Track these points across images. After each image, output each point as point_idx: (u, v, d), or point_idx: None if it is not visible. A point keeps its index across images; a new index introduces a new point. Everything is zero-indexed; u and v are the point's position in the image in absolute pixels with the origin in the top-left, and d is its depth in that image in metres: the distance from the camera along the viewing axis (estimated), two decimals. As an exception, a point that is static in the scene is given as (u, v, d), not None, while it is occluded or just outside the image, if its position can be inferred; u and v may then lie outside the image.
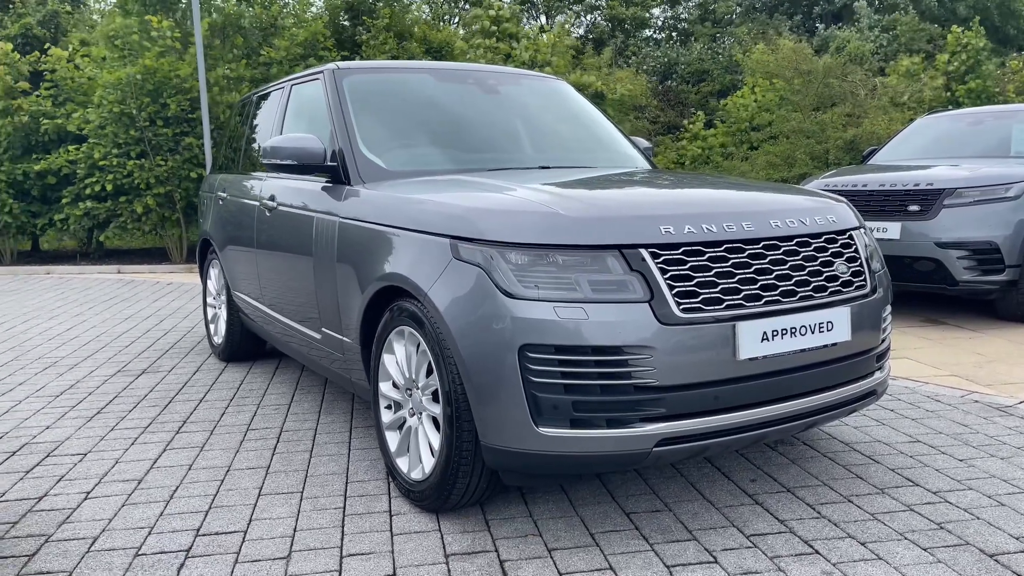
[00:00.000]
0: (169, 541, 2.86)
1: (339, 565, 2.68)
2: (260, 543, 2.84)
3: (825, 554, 2.69)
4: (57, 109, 11.42)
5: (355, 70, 4.16)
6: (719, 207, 2.92)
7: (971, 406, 4.27)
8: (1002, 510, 3.00)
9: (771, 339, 2.74)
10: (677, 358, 2.61)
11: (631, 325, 2.58)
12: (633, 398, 2.60)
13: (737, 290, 2.73)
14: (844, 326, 2.92)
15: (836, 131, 10.53)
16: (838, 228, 3.09)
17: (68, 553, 2.79)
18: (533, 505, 3.12)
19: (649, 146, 4.77)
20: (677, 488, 3.27)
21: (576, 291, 2.60)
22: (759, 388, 2.74)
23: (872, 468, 3.44)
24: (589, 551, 2.75)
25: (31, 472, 3.56)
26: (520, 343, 2.59)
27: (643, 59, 22.75)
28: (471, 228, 2.78)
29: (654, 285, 2.62)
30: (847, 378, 2.99)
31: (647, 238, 2.67)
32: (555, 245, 2.65)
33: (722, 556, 2.69)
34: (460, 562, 2.68)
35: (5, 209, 11.27)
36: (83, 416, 4.37)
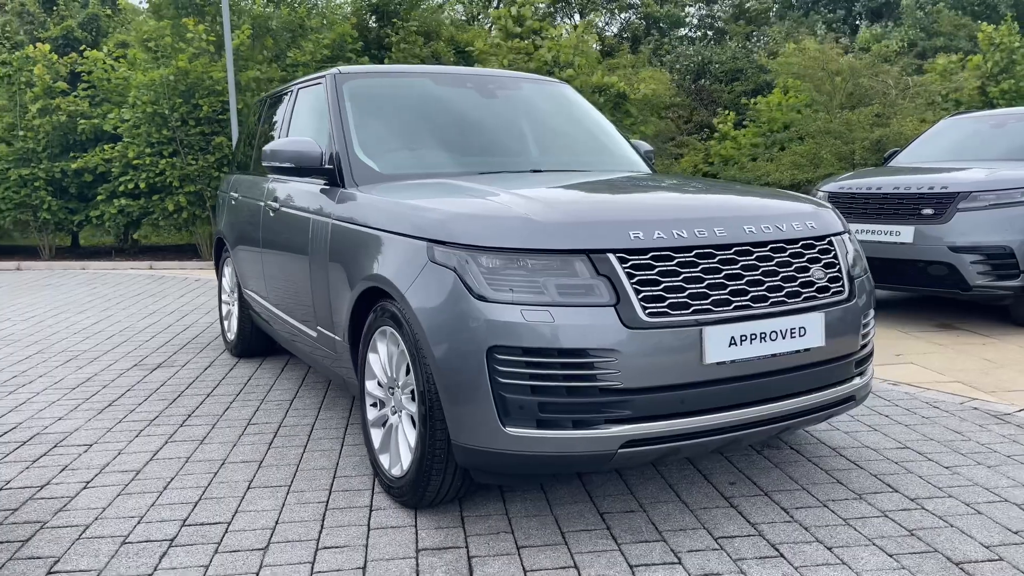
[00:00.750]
0: (156, 530, 2.98)
1: (313, 557, 2.77)
2: (241, 534, 2.95)
3: (789, 558, 2.72)
4: (94, 109, 11.74)
5: (356, 75, 4.26)
6: (692, 213, 2.96)
7: (969, 413, 4.23)
8: (978, 519, 2.99)
9: (739, 344, 2.77)
10: (642, 361, 2.65)
11: (596, 328, 2.63)
12: (598, 400, 2.65)
13: (705, 295, 2.76)
14: (818, 331, 2.94)
15: (863, 131, 10.41)
16: (816, 234, 3.10)
17: (60, 540, 2.92)
18: (511, 503, 3.18)
19: (650, 149, 4.80)
20: (655, 489, 3.30)
21: (543, 295, 2.66)
22: (727, 392, 2.78)
23: (854, 473, 3.44)
24: (557, 549, 2.80)
25: (37, 461, 3.72)
26: (488, 345, 2.66)
27: (677, 58, 22.63)
28: (446, 232, 2.85)
29: (620, 289, 2.67)
30: (822, 383, 3.01)
31: (615, 243, 2.72)
32: (525, 249, 2.71)
33: (687, 557, 2.73)
34: (429, 557, 2.76)
35: (44, 206, 11.62)
36: (95, 408, 4.54)
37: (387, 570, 2.68)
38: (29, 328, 6.89)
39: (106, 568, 2.71)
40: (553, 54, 10.33)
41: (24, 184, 11.57)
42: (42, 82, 11.46)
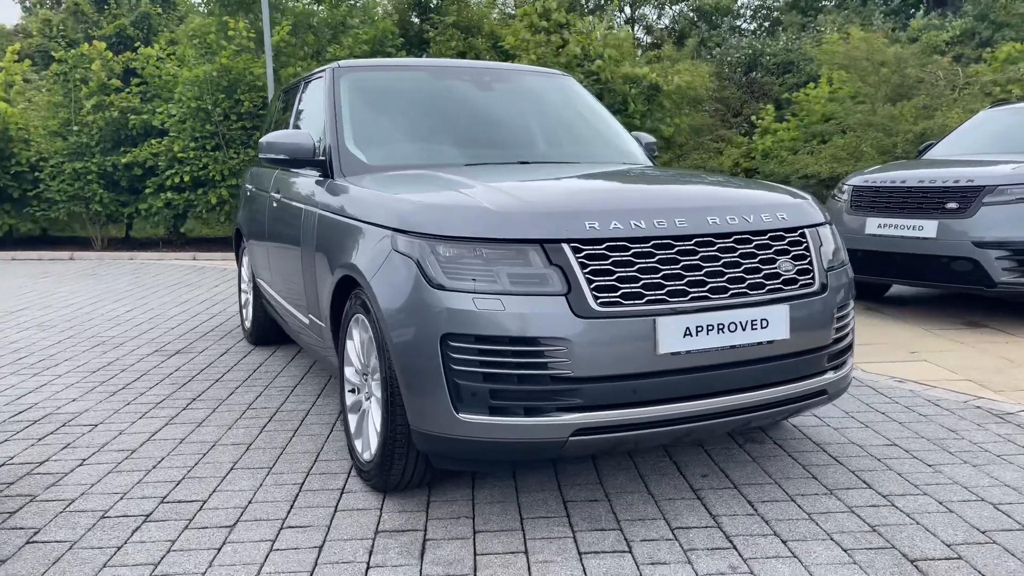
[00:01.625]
0: (135, 506, 3.12)
1: (275, 535, 2.86)
2: (214, 512, 3.06)
3: (741, 549, 2.71)
4: (144, 105, 12.13)
5: (354, 68, 4.35)
6: (654, 204, 2.96)
7: (969, 412, 4.12)
8: (947, 517, 2.93)
9: (695, 335, 2.76)
10: (593, 350, 2.67)
11: (546, 317, 2.66)
12: (549, 388, 2.68)
13: (661, 285, 2.77)
14: (781, 324, 2.91)
15: (907, 124, 10.12)
16: (787, 226, 3.07)
17: (44, 513, 3.07)
18: (479, 490, 3.23)
19: (652, 141, 4.78)
20: (624, 479, 3.31)
21: (496, 283, 2.70)
22: (682, 383, 2.77)
23: (832, 469, 3.40)
24: (512, 535, 2.84)
25: (43, 439, 3.90)
26: (442, 332, 2.71)
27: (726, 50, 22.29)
28: (408, 221, 2.91)
29: (572, 279, 2.69)
30: (788, 377, 2.98)
31: (569, 233, 2.74)
32: (480, 239, 2.75)
33: (637, 546, 2.74)
34: (385, 539, 2.82)
35: (96, 199, 12.06)
36: (108, 391, 4.73)
37: (342, 549, 2.75)
38: (67, 315, 7.19)
39: (80, 540, 2.84)
40: (582, 47, 10.31)
41: (78, 177, 12.03)
42: (97, 79, 11.88)
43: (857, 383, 4.65)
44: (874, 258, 6.37)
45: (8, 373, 5.16)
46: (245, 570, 2.62)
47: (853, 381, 4.67)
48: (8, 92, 12.90)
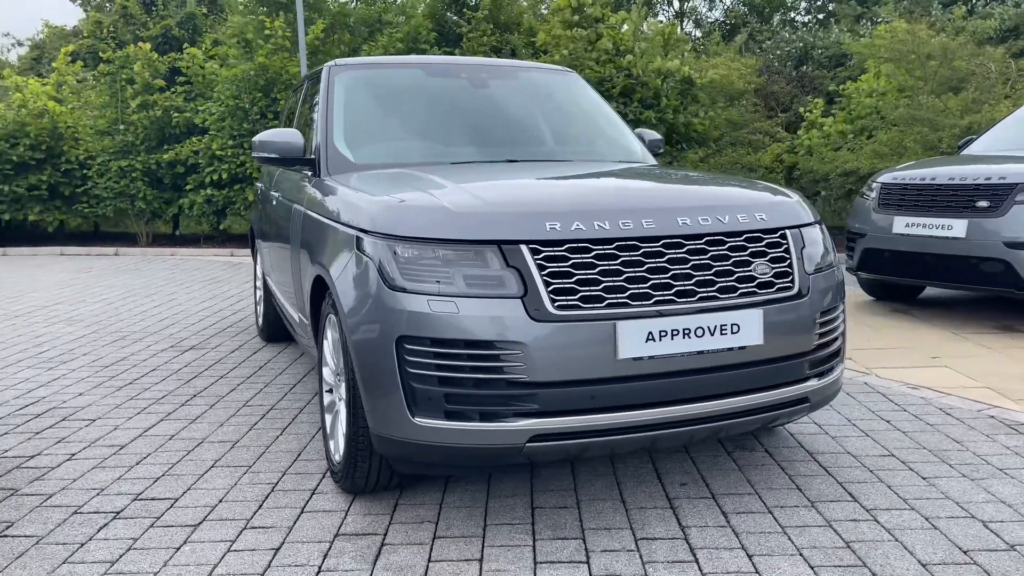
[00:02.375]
0: (107, 503, 3.15)
1: (236, 536, 2.86)
2: (182, 510, 3.07)
3: (702, 563, 2.61)
4: (188, 104, 12.38)
5: (350, 67, 4.33)
6: (621, 204, 2.87)
7: (981, 422, 3.92)
8: (930, 535, 2.78)
9: (658, 339, 2.67)
10: (549, 354, 2.60)
11: (501, 320, 2.60)
12: (505, 393, 2.62)
13: (623, 288, 2.68)
14: (755, 329, 2.80)
15: (952, 118, 9.73)
16: (765, 227, 2.95)
17: (21, 507, 3.13)
18: (450, 494, 3.19)
19: (658, 138, 4.65)
20: (600, 486, 3.23)
21: (452, 285, 2.64)
22: (645, 389, 2.68)
23: (819, 480, 3.26)
24: (471, 542, 2.79)
25: (40, 433, 3.98)
26: (398, 334, 2.67)
27: (777, 44, 21.82)
28: (370, 221, 2.87)
29: (529, 281, 2.62)
30: (763, 384, 2.86)
31: (528, 234, 2.67)
32: (438, 240, 2.70)
33: (596, 557, 2.67)
34: (343, 542, 2.80)
35: (140, 195, 12.36)
36: (115, 386, 4.81)
37: (298, 552, 2.74)
38: (97, 309, 7.37)
39: (47, 535, 2.88)
40: (614, 41, 10.16)
41: (123, 175, 12.34)
42: (142, 79, 12.17)
43: (868, 389, 4.48)
44: (902, 258, 6.13)
45: (25, 367, 5.29)
46: (198, 570, 2.62)
47: (865, 387, 4.50)
48: (60, 92, 13.29)
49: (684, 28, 27.46)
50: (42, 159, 12.63)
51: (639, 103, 10.19)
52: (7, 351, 5.74)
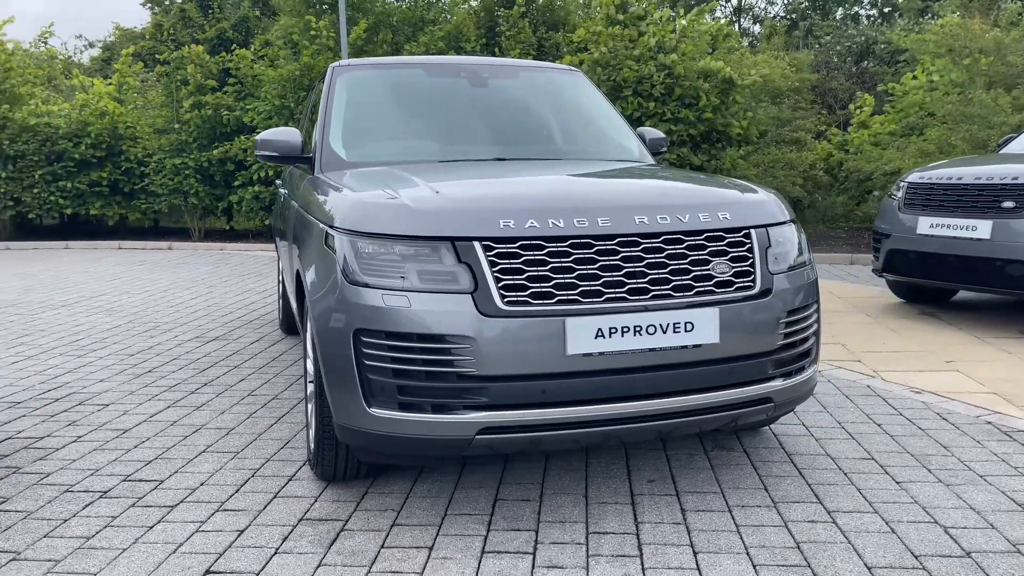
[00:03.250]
0: (98, 483, 3.33)
1: (207, 517, 3.00)
2: (164, 492, 3.23)
3: (645, 559, 2.63)
4: (238, 103, 12.76)
5: (352, 67, 4.45)
6: (578, 202, 2.91)
7: (975, 427, 3.83)
8: (886, 538, 2.75)
9: (608, 336, 2.70)
10: (499, 349, 2.66)
11: (452, 315, 2.67)
12: (456, 386, 2.69)
13: (574, 285, 2.72)
14: (710, 328, 2.80)
15: (1003, 115, 9.39)
16: (727, 226, 2.95)
17: (19, 484, 3.32)
18: (421, 483, 3.27)
19: (660, 137, 4.64)
20: (569, 480, 3.27)
21: (406, 280, 2.73)
22: (596, 385, 2.72)
23: (788, 481, 3.24)
24: (426, 530, 2.87)
25: (55, 416, 4.21)
26: (355, 327, 2.76)
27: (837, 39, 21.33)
28: (337, 218, 2.97)
29: (480, 277, 2.69)
30: (720, 383, 2.87)
31: (481, 231, 2.73)
32: (396, 236, 2.79)
33: (543, 549, 2.71)
34: (305, 527, 2.91)
35: (192, 192, 12.80)
36: (135, 373, 5.04)
37: (260, 534, 2.85)
38: (138, 301, 7.68)
39: (36, 511, 3.07)
40: (657, 39, 10.09)
41: (177, 172, 12.79)
42: (195, 80, 12.59)
43: (868, 392, 4.40)
44: (926, 260, 5.98)
45: (58, 354, 5.57)
46: (164, 548, 2.76)
47: (867, 390, 4.43)
48: (121, 92, 13.85)
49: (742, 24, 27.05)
50: (103, 157, 13.20)
51: (678, 102, 10.11)
52: (46, 339, 6.05)
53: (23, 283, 8.92)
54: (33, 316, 6.99)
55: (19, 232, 13.97)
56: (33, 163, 13.02)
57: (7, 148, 12.90)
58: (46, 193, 13.12)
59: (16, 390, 4.69)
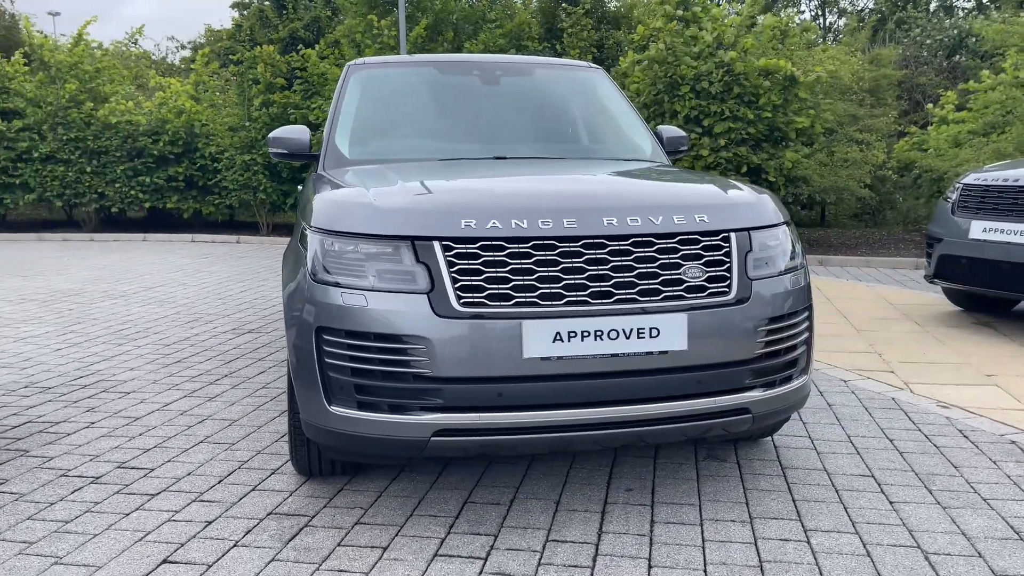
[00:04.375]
0: (93, 469, 3.45)
1: (183, 506, 3.06)
2: (150, 480, 3.32)
3: (597, 570, 2.57)
4: (305, 102, 13.06)
5: (367, 66, 4.49)
6: (546, 203, 2.85)
7: (996, 447, 3.58)
8: (858, 562, 2.60)
9: (567, 340, 2.64)
10: (454, 351, 2.63)
11: (407, 315, 2.65)
12: (412, 386, 2.67)
13: (534, 287, 2.66)
14: (677, 334, 2.70)
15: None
16: (703, 229, 2.84)
17: (21, 467, 3.47)
18: (398, 482, 3.27)
19: (680, 136, 4.51)
20: (545, 486, 3.22)
21: (365, 279, 2.72)
22: (554, 389, 2.66)
23: (773, 496, 3.10)
24: (387, 530, 2.86)
25: (77, 402, 4.38)
26: (317, 325, 2.77)
27: (928, 32, 20.39)
28: (313, 216, 2.99)
29: (437, 277, 2.66)
30: (689, 391, 2.76)
31: (441, 231, 2.70)
32: (360, 235, 2.79)
33: (496, 554, 2.67)
34: (270, 521, 2.94)
35: (261, 187, 13.17)
36: (164, 363, 5.21)
37: (226, 526, 2.90)
38: (191, 293, 7.95)
39: (30, 493, 3.20)
40: (715, 36, 9.83)
41: (247, 168, 13.18)
42: (264, 79, 12.95)
43: (891, 405, 4.18)
44: (977, 266, 5.65)
45: (101, 342, 5.81)
46: (131, 536, 2.83)
47: (891, 403, 4.21)
48: (198, 91, 14.36)
49: (827, 19, 26.16)
50: (180, 153, 13.71)
51: (736, 99, 9.83)
52: (94, 327, 6.32)
53: (92, 273, 9.35)
54: (91, 305, 7.31)
55: (104, 224, 14.65)
56: (116, 159, 13.63)
57: (92, 144, 13.55)
58: (127, 187, 13.71)
59: (51, 376, 4.91)
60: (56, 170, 13.63)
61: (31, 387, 4.68)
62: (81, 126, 13.47)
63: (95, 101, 13.71)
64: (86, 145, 13.54)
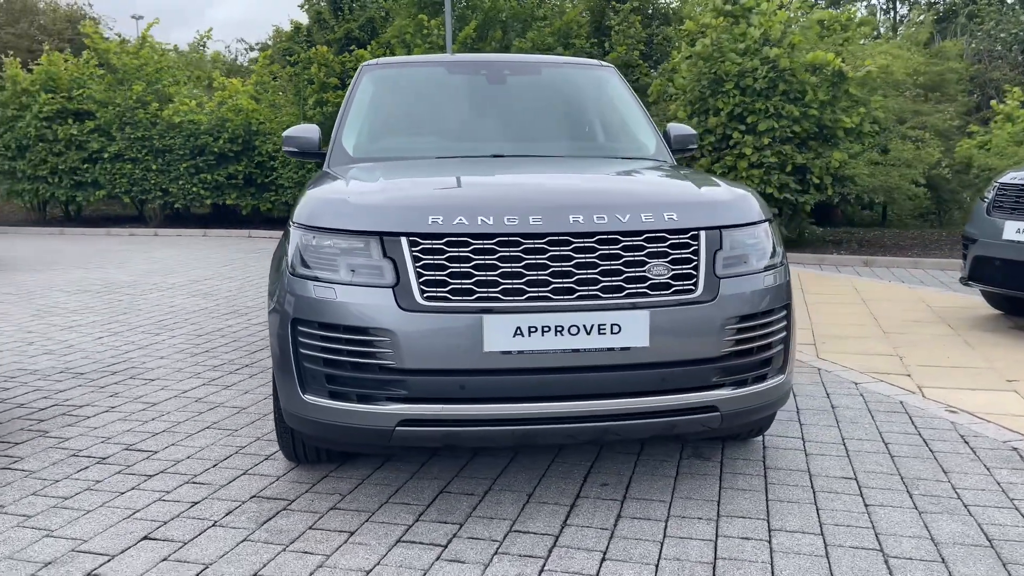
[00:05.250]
0: (101, 450, 3.64)
1: (175, 487, 3.22)
2: (151, 462, 3.49)
3: (550, 561, 2.61)
4: (358, 100, 13.33)
5: (379, 66, 4.60)
6: (511, 200, 2.90)
7: (995, 453, 3.49)
8: (814, 562, 2.58)
9: (527, 335, 2.69)
10: (417, 343, 2.71)
11: (373, 308, 2.74)
12: (378, 377, 2.76)
13: (496, 283, 2.72)
14: (639, 331, 2.73)
15: None
16: (672, 227, 2.85)
17: (37, 446, 3.69)
18: (381, 471, 3.37)
19: (688, 134, 4.48)
20: (523, 478, 3.27)
21: (336, 273, 2.83)
22: (515, 383, 2.72)
23: (747, 496, 3.09)
24: (358, 516, 2.96)
25: (104, 388, 4.62)
26: (293, 317, 2.89)
27: (1001, 27, 19.60)
28: (296, 212, 3.11)
29: (402, 272, 2.74)
30: (652, 388, 2.78)
31: (409, 227, 2.79)
32: (334, 230, 2.89)
33: (456, 542, 2.74)
34: (251, 504, 3.07)
35: (314, 185, 13.51)
36: (192, 352, 5.44)
37: (209, 507, 3.04)
38: (235, 286, 8.24)
39: (38, 471, 3.40)
40: (762, 31, 9.66)
41: (300, 166, 13.53)
42: (318, 79, 13.29)
43: (897, 408, 4.10)
44: (1010, 268, 5.46)
45: (140, 332, 6.09)
46: (121, 513, 3.00)
47: (897, 406, 4.13)
48: (257, 91, 14.80)
49: (896, 11, 25.35)
50: (239, 151, 14.16)
51: (782, 96, 9.66)
52: (138, 317, 6.62)
53: (148, 266, 9.75)
54: (140, 296, 7.65)
55: (168, 220, 15.23)
56: (179, 157, 14.16)
57: (157, 143, 14.11)
58: (189, 184, 14.23)
59: (87, 363, 5.18)
60: (124, 168, 14.25)
61: (66, 372, 4.94)
62: (147, 126, 14.04)
63: (160, 101, 14.26)
64: (151, 144, 14.11)
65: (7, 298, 7.58)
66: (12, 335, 6.00)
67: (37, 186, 14.53)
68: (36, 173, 14.43)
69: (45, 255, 10.93)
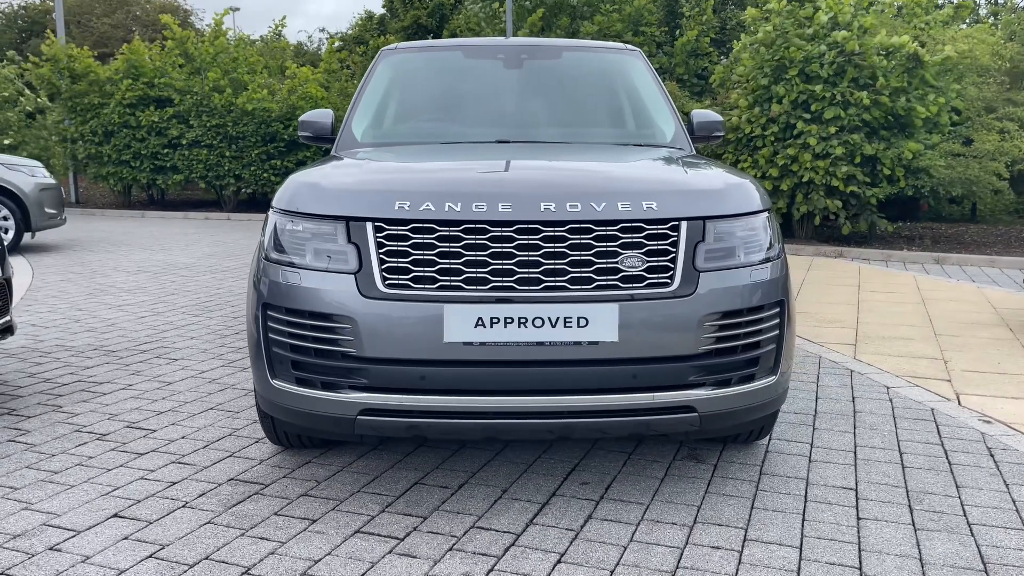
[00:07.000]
0: (105, 427, 3.72)
1: (160, 467, 3.26)
2: (147, 440, 3.55)
3: (504, 560, 2.52)
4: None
5: (398, 51, 4.55)
6: (482, 187, 2.81)
7: (1022, 468, 3.21)
8: (759, 574, 2.42)
9: (489, 326, 2.60)
10: (377, 331, 2.65)
11: (334, 294, 2.70)
12: (341, 365, 2.72)
13: (459, 271, 2.64)
14: (607, 324, 2.60)
15: None
16: (650, 217, 2.71)
17: (47, 420, 3.80)
18: (365, 459, 3.33)
19: (713, 120, 4.27)
20: (505, 472, 3.18)
21: (303, 258, 2.79)
22: (476, 375, 2.63)
23: (733, 502, 2.92)
24: (326, 503, 2.93)
25: (129, 366, 4.74)
26: (263, 302, 2.87)
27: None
28: (276, 197, 3.09)
29: (365, 258, 2.69)
30: (622, 385, 2.65)
31: (373, 212, 2.73)
32: (303, 214, 2.86)
33: (414, 536, 2.68)
34: (227, 486, 3.07)
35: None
36: (222, 333, 5.54)
37: (185, 488, 3.06)
38: (285, 270, 8.37)
39: (40, 445, 3.50)
40: (830, 16, 9.21)
41: (367, 153, 13.71)
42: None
43: (925, 416, 3.83)
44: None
45: (180, 312, 6.25)
46: (100, 490, 3.05)
47: (926, 413, 3.86)
48: (328, 79, 15.04)
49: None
50: (309, 138, 14.42)
51: (851, 83, 9.20)
52: (184, 299, 6.80)
53: (210, 249, 10.03)
54: (193, 278, 7.86)
55: (242, 205, 15.67)
56: (251, 143, 14.54)
57: (231, 130, 14.51)
58: (261, 170, 14.60)
59: (122, 341, 5.33)
60: (200, 154, 14.71)
61: (99, 350, 5.09)
62: (222, 113, 14.45)
63: (234, 89, 14.64)
64: (226, 131, 14.51)
65: (70, 276, 7.91)
66: (64, 312, 6.24)
67: (121, 170, 15.15)
68: (120, 158, 15.05)
69: (119, 236, 11.38)
